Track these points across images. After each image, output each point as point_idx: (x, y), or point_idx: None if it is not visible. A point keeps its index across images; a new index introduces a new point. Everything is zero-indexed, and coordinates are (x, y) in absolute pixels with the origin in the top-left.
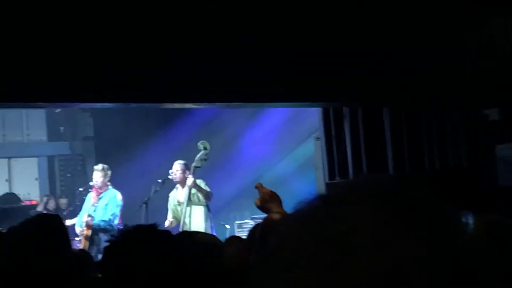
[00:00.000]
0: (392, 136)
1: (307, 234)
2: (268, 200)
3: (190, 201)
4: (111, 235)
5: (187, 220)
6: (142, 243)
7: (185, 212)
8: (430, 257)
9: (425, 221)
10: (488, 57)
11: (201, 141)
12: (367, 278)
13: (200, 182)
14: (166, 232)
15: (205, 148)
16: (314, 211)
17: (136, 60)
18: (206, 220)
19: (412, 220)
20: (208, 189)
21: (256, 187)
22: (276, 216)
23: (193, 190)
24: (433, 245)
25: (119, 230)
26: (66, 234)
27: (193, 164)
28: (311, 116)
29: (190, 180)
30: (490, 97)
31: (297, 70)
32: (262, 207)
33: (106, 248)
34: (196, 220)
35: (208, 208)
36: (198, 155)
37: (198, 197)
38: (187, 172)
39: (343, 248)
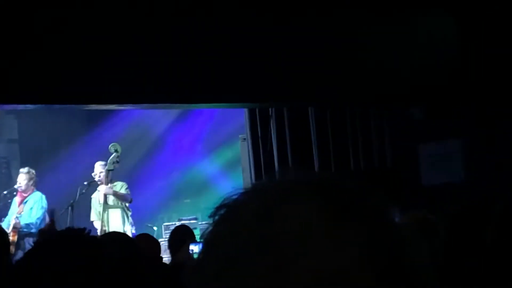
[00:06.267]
0: (317, 136)
1: (244, 234)
2: None
3: (106, 205)
4: (35, 240)
5: (105, 223)
6: (63, 246)
7: (103, 215)
8: (371, 255)
9: (364, 218)
10: (412, 56)
11: (112, 144)
12: (310, 278)
13: (122, 185)
14: (89, 236)
15: (116, 151)
16: (250, 209)
17: (60, 60)
18: (124, 223)
19: (352, 217)
20: (125, 192)
21: None
22: None
23: (108, 195)
24: (374, 243)
25: (40, 233)
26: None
27: (106, 168)
28: (237, 117)
29: (103, 187)
30: (414, 96)
31: (223, 70)
32: None
33: (27, 251)
34: (114, 222)
35: (127, 211)
36: (109, 158)
37: (113, 201)
38: (110, 173)
39: (284, 249)
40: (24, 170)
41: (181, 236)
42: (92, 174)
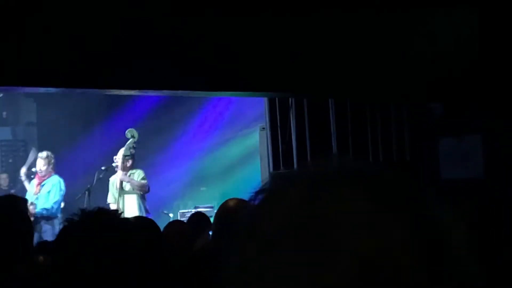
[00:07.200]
0: (336, 127)
1: (286, 217)
2: None
3: (122, 190)
4: (67, 217)
5: (120, 209)
6: (100, 226)
7: (118, 200)
8: (414, 239)
9: (407, 202)
10: (433, 50)
11: (128, 129)
12: (353, 262)
13: (139, 174)
14: (126, 219)
15: (132, 136)
16: (292, 192)
17: (81, 44)
18: (140, 209)
19: (395, 201)
20: (143, 181)
21: None
22: (232, 202)
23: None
24: (416, 228)
25: (80, 211)
26: (27, 216)
27: (122, 153)
28: (257, 106)
29: (119, 173)
30: (434, 90)
31: (245, 59)
32: None
33: (63, 229)
34: (129, 209)
35: (142, 198)
36: (126, 144)
37: (130, 187)
38: (129, 160)
39: (327, 232)
40: (42, 155)
41: (198, 223)
42: (114, 157)
